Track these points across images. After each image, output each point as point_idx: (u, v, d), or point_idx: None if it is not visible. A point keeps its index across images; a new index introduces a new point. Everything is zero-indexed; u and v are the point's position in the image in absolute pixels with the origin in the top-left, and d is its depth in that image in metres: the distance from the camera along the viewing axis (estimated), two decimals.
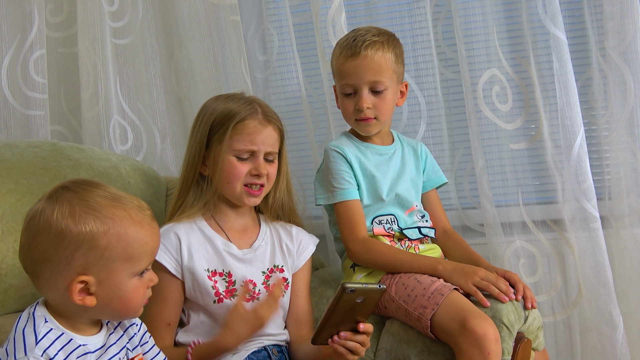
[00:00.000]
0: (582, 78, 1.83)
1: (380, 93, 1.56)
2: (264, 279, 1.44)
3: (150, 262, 1.11)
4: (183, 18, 1.89)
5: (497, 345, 1.30)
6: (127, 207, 1.08)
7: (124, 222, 1.06)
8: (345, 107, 1.59)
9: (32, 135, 1.81)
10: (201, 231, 1.44)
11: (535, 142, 1.82)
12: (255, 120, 1.42)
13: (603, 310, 1.74)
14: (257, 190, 1.44)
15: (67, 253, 1.03)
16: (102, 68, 1.83)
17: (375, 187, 1.58)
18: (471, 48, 1.80)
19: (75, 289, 1.03)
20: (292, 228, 1.53)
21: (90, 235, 1.03)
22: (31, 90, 1.81)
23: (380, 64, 1.54)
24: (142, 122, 1.91)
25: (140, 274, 1.09)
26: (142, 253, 1.08)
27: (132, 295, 1.08)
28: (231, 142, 1.41)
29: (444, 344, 1.38)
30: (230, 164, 1.41)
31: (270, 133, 1.44)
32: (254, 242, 1.47)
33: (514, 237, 1.83)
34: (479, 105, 1.80)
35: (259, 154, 1.42)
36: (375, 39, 1.55)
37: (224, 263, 1.42)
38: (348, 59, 1.55)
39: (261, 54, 2.01)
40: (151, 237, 1.09)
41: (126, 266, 1.07)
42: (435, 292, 1.39)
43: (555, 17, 1.71)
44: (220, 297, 1.39)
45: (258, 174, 1.42)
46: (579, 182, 1.73)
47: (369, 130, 1.60)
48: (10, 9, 1.80)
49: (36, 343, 1.02)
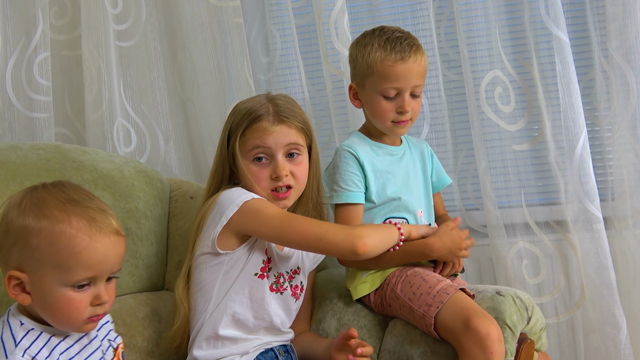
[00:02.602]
0: (585, 79, 1.83)
1: (417, 96, 1.56)
2: (288, 278, 1.45)
3: (89, 277, 1.04)
4: (186, 20, 1.89)
5: (500, 345, 1.31)
6: (73, 211, 1.03)
7: (60, 226, 1.01)
8: (384, 109, 1.55)
9: (36, 138, 1.81)
10: None
11: (538, 143, 1.82)
12: (266, 121, 1.40)
13: (606, 311, 1.74)
14: (284, 193, 1.41)
15: (8, 245, 1.02)
16: (106, 70, 1.84)
17: (386, 188, 1.57)
18: (474, 49, 1.81)
19: (9, 282, 1.02)
20: None
21: (26, 232, 1.01)
22: (35, 92, 1.81)
23: (424, 68, 1.56)
24: (146, 124, 1.92)
25: (79, 286, 1.03)
26: (73, 263, 1.01)
27: (64, 306, 1.02)
28: (244, 143, 1.40)
29: (447, 345, 1.38)
30: (250, 171, 1.40)
31: (283, 130, 1.40)
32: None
33: (517, 239, 1.83)
34: (482, 107, 1.80)
35: (276, 155, 1.39)
36: (417, 42, 1.56)
37: (270, 248, 1.41)
38: (398, 62, 1.52)
39: (264, 56, 2.01)
40: (87, 248, 1.02)
41: (54, 273, 1.01)
42: (441, 291, 1.39)
43: (558, 19, 1.71)
44: (262, 274, 1.39)
45: (277, 177, 1.39)
46: (581, 183, 1.73)
47: (402, 132, 1.61)
48: (15, 12, 1.80)
49: (16, 345, 1.01)
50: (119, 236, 1.07)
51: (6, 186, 1.42)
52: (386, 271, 1.51)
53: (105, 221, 1.05)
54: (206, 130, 1.91)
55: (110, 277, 1.08)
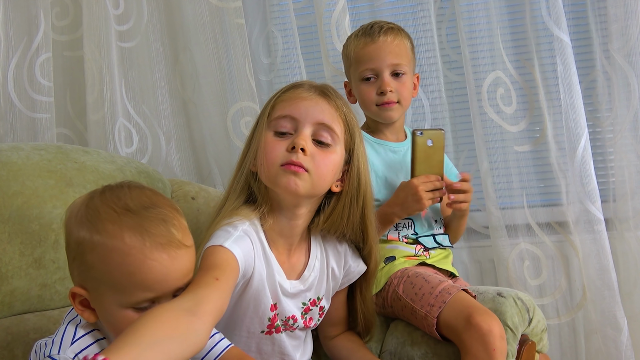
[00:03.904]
0: (587, 80, 1.83)
1: (400, 77, 1.56)
2: (302, 312, 1.28)
3: (149, 299, 0.93)
4: (188, 21, 1.89)
5: (502, 342, 1.30)
6: (127, 224, 0.91)
7: (113, 242, 0.90)
8: (365, 93, 1.57)
9: (38, 138, 1.82)
10: (263, 248, 1.21)
11: (540, 144, 1.82)
12: (302, 89, 1.19)
13: (607, 313, 1.74)
14: (294, 165, 1.15)
15: (70, 258, 0.96)
16: (108, 71, 1.84)
17: (388, 188, 1.56)
18: (475, 50, 1.81)
19: (74, 298, 0.96)
20: (342, 247, 1.31)
21: (82, 247, 0.92)
22: (37, 93, 1.81)
23: (400, 47, 1.56)
24: (147, 125, 1.92)
25: (139, 307, 0.93)
26: (128, 284, 0.91)
27: (125, 326, 0.89)
28: (272, 113, 1.18)
29: (448, 346, 1.38)
30: (266, 142, 1.17)
31: (322, 104, 1.18)
32: (304, 272, 1.27)
33: (519, 240, 1.83)
34: (484, 108, 1.80)
35: (301, 127, 1.16)
36: (392, 26, 1.59)
37: (275, 295, 1.22)
38: (368, 44, 1.56)
39: (265, 57, 2.01)
40: (142, 269, 0.90)
41: (112, 293, 0.92)
42: (443, 291, 1.39)
43: (559, 20, 1.71)
44: (270, 331, 1.24)
45: (294, 146, 1.14)
46: (583, 185, 1.73)
47: (391, 116, 1.58)
48: (17, 12, 1.80)
49: (70, 344, 0.95)
50: (181, 249, 0.93)
51: (8, 187, 1.42)
52: (390, 271, 1.51)
53: (164, 234, 0.92)
54: (207, 130, 1.91)
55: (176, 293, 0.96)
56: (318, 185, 1.18)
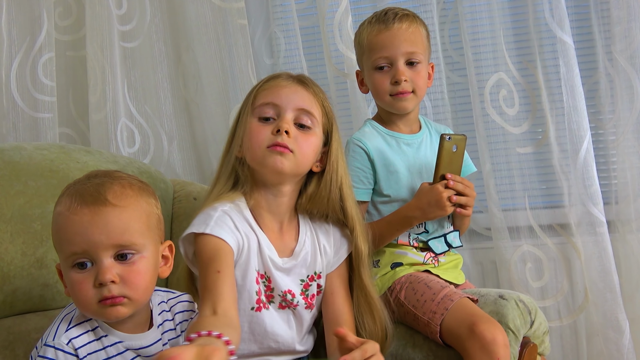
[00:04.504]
0: (589, 82, 1.83)
1: (415, 65, 1.51)
2: (302, 289, 1.32)
3: (75, 251, 1.00)
4: (190, 21, 1.90)
5: (506, 350, 1.29)
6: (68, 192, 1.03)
7: (57, 208, 1.03)
8: (379, 82, 1.51)
9: (40, 138, 1.82)
10: (249, 223, 1.28)
11: (542, 146, 1.82)
12: (282, 79, 1.30)
13: (609, 315, 1.73)
14: (279, 146, 1.24)
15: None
16: (110, 71, 1.84)
17: (400, 184, 1.52)
18: (478, 52, 1.81)
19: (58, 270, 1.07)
20: (329, 226, 1.38)
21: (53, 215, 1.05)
22: (40, 93, 1.82)
23: (415, 35, 1.51)
24: (150, 125, 1.92)
25: (79, 266, 1.01)
26: (62, 240, 1.02)
27: (73, 288, 1.02)
28: (254, 101, 1.28)
29: (449, 349, 1.38)
30: (251, 128, 1.27)
31: (299, 91, 1.28)
32: (295, 248, 1.33)
33: (521, 242, 1.83)
34: (486, 109, 1.80)
35: (284, 112, 1.26)
36: (407, 12, 1.53)
37: (267, 267, 1.28)
38: (382, 31, 1.50)
39: (268, 58, 2.02)
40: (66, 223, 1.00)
41: (60, 256, 1.03)
42: (445, 298, 1.38)
43: (562, 21, 1.71)
44: (259, 306, 1.28)
45: (281, 130, 1.24)
46: (585, 187, 1.73)
47: (405, 106, 1.52)
48: (20, 12, 1.81)
49: (66, 329, 1.02)
50: (106, 206, 1.01)
51: (10, 186, 1.42)
52: (394, 277, 1.50)
53: (93, 194, 1.00)
54: (210, 131, 1.91)
55: (124, 255, 1.02)
56: (301, 164, 1.28)
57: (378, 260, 1.53)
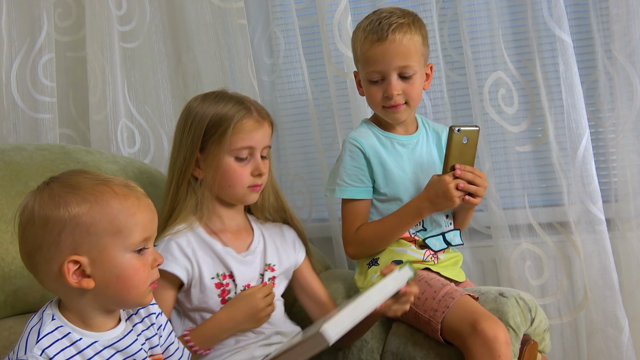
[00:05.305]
0: (588, 80, 1.83)
1: (409, 78, 1.49)
2: (260, 281, 1.44)
3: (144, 237, 1.06)
4: (190, 22, 1.90)
5: (507, 348, 1.30)
6: (110, 184, 1.06)
7: (106, 196, 1.03)
8: (372, 94, 1.51)
9: (40, 139, 1.82)
10: (200, 238, 1.41)
11: (541, 144, 1.82)
12: (252, 119, 1.41)
13: (609, 313, 1.74)
14: (258, 186, 1.44)
15: (53, 236, 1.01)
16: (110, 71, 1.84)
17: (396, 183, 1.53)
18: (477, 51, 1.81)
19: (69, 271, 1.02)
20: (282, 227, 1.53)
21: (73, 214, 1.01)
22: (40, 93, 1.82)
23: (409, 47, 1.47)
24: (150, 125, 1.92)
25: (138, 252, 1.06)
26: (131, 225, 1.04)
27: (130, 273, 1.04)
28: (230, 142, 1.39)
29: (450, 347, 1.38)
30: (231, 168, 1.40)
31: (266, 130, 1.43)
32: (251, 244, 1.46)
33: (521, 240, 1.83)
34: (485, 108, 1.81)
35: (257, 153, 1.41)
36: (402, 20, 1.48)
37: (226, 266, 1.40)
38: (374, 44, 1.47)
39: (268, 57, 2.02)
40: (139, 209, 1.06)
41: (116, 240, 1.03)
42: (446, 296, 1.38)
43: (561, 20, 1.71)
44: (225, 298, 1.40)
45: (260, 174, 1.42)
46: (584, 185, 1.73)
47: (398, 118, 1.53)
48: (20, 13, 1.81)
49: (36, 341, 1.01)
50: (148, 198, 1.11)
51: (11, 187, 1.42)
52: None
53: (133, 184, 1.09)
54: None
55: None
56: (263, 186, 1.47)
57: (377, 258, 1.54)
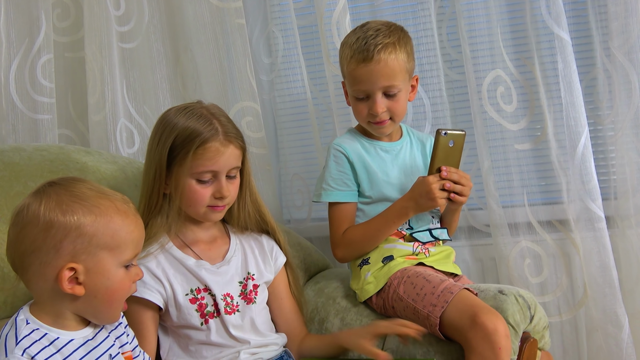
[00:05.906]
0: (587, 78, 1.83)
1: (393, 96, 1.52)
2: (241, 290, 1.41)
3: (135, 254, 1.13)
4: (189, 22, 1.90)
5: (507, 341, 1.31)
6: (112, 198, 1.11)
7: (110, 211, 1.09)
8: (358, 110, 1.55)
9: (39, 139, 1.82)
10: (171, 256, 1.39)
11: (540, 142, 1.82)
12: (217, 142, 1.35)
13: (609, 310, 1.74)
14: (220, 207, 1.40)
15: (55, 241, 1.05)
16: (109, 72, 1.84)
17: (380, 186, 1.56)
18: (475, 49, 1.81)
19: (65, 276, 1.05)
20: (261, 237, 1.50)
21: (78, 223, 1.06)
22: (39, 94, 1.82)
23: (394, 68, 1.49)
24: (149, 125, 1.92)
25: (126, 267, 1.11)
26: (128, 242, 1.10)
27: (118, 286, 1.10)
28: (192, 165, 1.35)
29: (450, 345, 1.38)
30: (192, 190, 1.36)
31: (232, 153, 1.38)
32: (227, 254, 1.44)
33: (520, 238, 1.83)
34: (484, 106, 1.81)
35: (221, 176, 1.37)
36: (387, 40, 1.49)
37: (200, 280, 1.38)
38: (360, 65, 1.49)
39: (266, 57, 2.02)
40: (136, 227, 1.12)
41: (113, 254, 1.09)
42: (445, 291, 1.39)
43: (559, 18, 1.71)
44: (205, 319, 1.36)
45: (221, 197, 1.38)
46: (583, 182, 1.73)
47: (383, 132, 1.58)
48: (18, 14, 1.81)
49: (16, 344, 1.03)
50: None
51: (10, 187, 1.43)
52: (389, 272, 1.51)
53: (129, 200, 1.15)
54: None
55: None
56: (232, 202, 1.43)
57: (368, 257, 1.55)
